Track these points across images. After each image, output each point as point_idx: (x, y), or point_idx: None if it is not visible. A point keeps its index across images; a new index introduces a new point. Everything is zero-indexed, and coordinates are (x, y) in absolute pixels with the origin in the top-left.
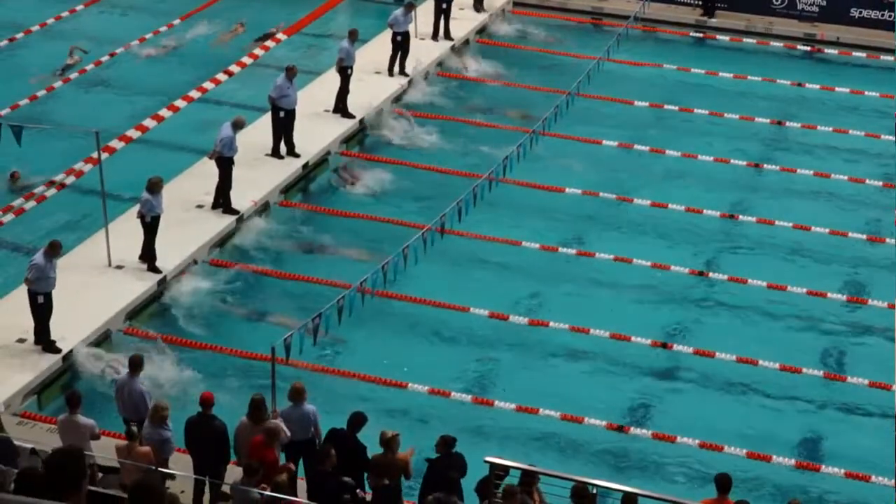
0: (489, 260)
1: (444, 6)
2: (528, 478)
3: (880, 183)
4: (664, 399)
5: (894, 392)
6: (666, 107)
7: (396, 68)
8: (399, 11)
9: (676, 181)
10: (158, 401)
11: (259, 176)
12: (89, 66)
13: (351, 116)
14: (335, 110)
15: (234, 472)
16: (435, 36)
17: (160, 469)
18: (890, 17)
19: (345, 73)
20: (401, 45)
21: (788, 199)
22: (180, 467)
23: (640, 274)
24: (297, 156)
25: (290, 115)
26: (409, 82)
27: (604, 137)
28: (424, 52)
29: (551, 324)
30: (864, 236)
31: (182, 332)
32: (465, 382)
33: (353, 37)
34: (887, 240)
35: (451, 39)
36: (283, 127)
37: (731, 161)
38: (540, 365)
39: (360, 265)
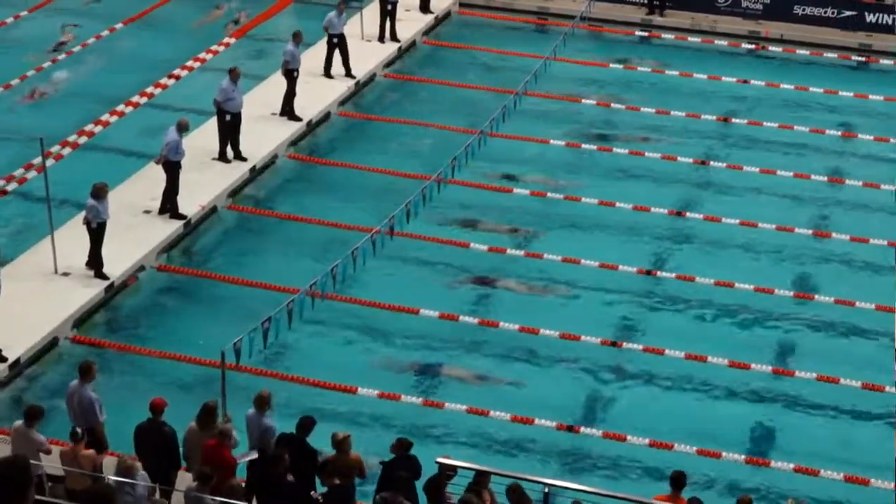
0: (438, 261)
1: (390, 8)
2: (480, 478)
3: (825, 178)
4: (614, 398)
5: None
6: (613, 105)
7: (342, 70)
8: (332, 14)
9: (624, 179)
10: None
11: (206, 180)
12: (30, 73)
13: (298, 119)
14: (282, 113)
15: (184, 478)
16: (381, 38)
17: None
18: (833, 13)
19: (290, 75)
20: (338, 47)
21: (735, 195)
22: None
23: (588, 273)
24: (245, 159)
25: (236, 118)
26: (357, 84)
27: (551, 137)
28: (371, 54)
29: (501, 324)
30: (810, 231)
31: (130, 338)
32: (415, 384)
33: (298, 39)
34: (833, 234)
35: (398, 41)
36: (230, 130)
37: (678, 158)
38: (490, 365)
39: (310, 268)
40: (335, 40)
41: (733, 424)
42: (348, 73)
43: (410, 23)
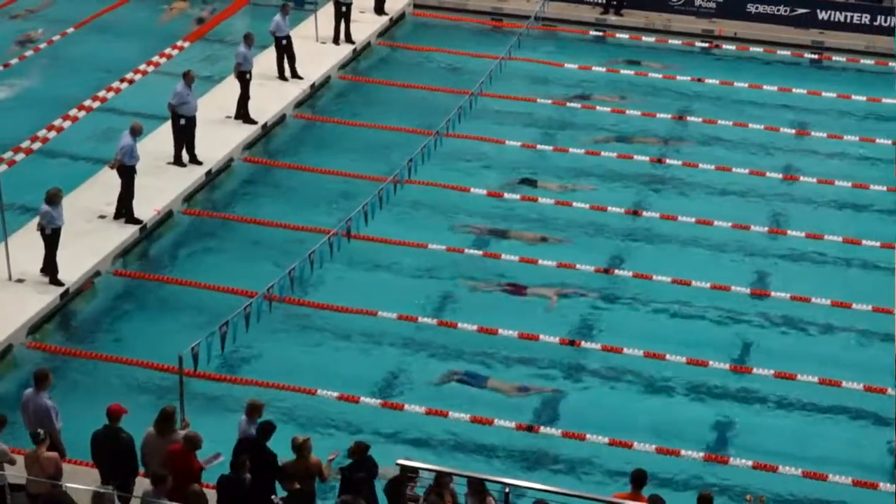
0: (396, 263)
1: (344, 9)
2: (441, 479)
3: (780, 175)
4: (573, 396)
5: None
6: (568, 105)
7: (288, 73)
8: (277, 16)
9: (580, 179)
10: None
11: (162, 184)
12: None
13: (253, 122)
14: (237, 116)
15: (143, 485)
16: (336, 40)
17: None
18: (786, 11)
19: (243, 77)
20: (286, 49)
21: (691, 193)
22: (88, 481)
23: (546, 273)
24: (200, 163)
25: (191, 121)
26: (312, 86)
27: (507, 137)
28: (326, 56)
29: (460, 325)
30: (766, 229)
31: (86, 344)
32: (375, 386)
33: (250, 41)
34: (789, 231)
35: (353, 42)
36: (185, 134)
37: (634, 157)
38: (450, 366)
39: (267, 272)
40: (283, 42)
41: (692, 422)
42: (294, 75)
43: (365, 24)
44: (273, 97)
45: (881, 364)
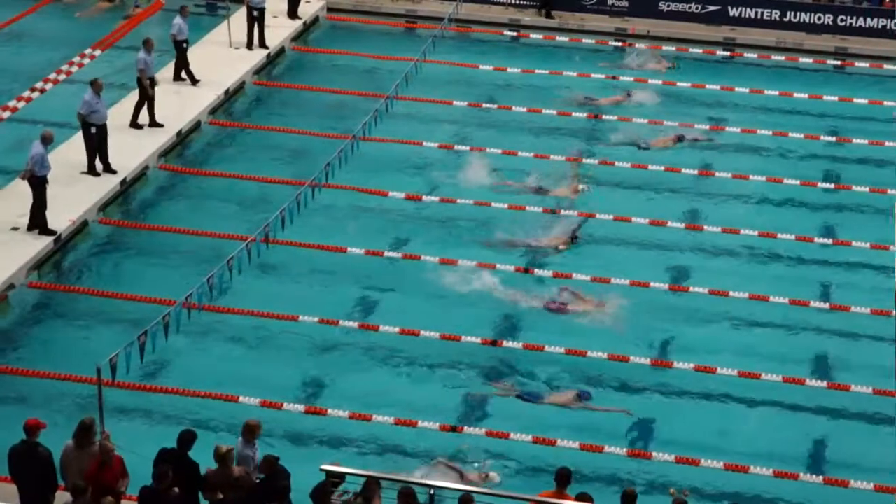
0: (316, 267)
1: (257, 14)
2: (368, 484)
3: (695, 171)
4: (496, 397)
5: None
6: (485, 106)
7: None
8: (178, 20)
9: (499, 178)
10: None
11: (76, 194)
12: None
13: (159, 125)
14: (150, 124)
15: (62, 499)
16: (250, 45)
17: None
18: (697, 8)
19: (141, 84)
20: (186, 53)
21: (610, 190)
22: (6, 496)
23: (466, 273)
24: (114, 172)
25: (102, 130)
26: (227, 92)
27: (424, 139)
28: (240, 62)
29: (381, 328)
30: (683, 225)
31: (1, 358)
32: (298, 392)
33: (149, 46)
34: (705, 227)
35: (266, 48)
36: (97, 143)
37: (551, 157)
38: (372, 370)
39: (185, 280)
40: (185, 45)
41: (614, 418)
42: (193, 81)
43: (279, 29)
44: (187, 104)
45: (798, 355)
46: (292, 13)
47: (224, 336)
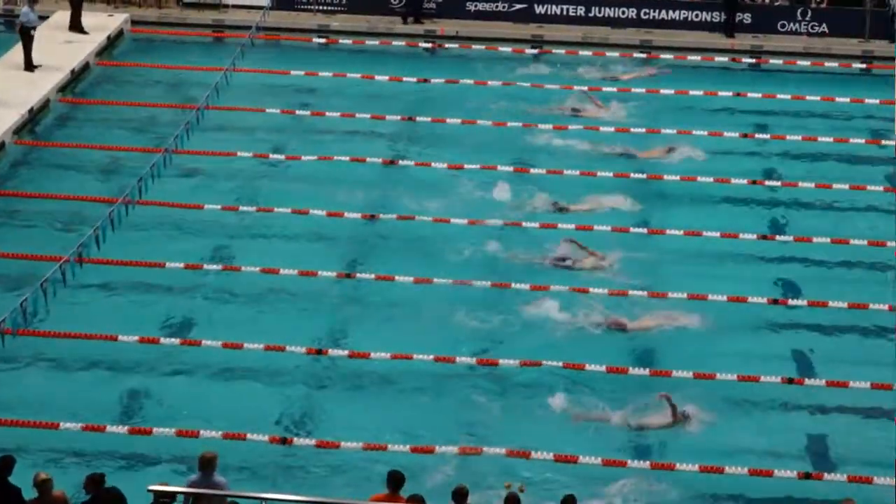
0: (133, 284)
1: (34, 33)
2: (199, 502)
3: (511, 168)
4: (324, 405)
5: None
6: (298, 112)
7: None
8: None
9: (316, 186)
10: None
11: None
12: None
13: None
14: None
15: None
16: (28, 66)
17: None
18: (505, 7)
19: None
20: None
21: (425, 192)
22: None
23: (288, 282)
24: None
25: None
26: (31, 111)
27: (238, 149)
28: (42, 80)
29: (204, 342)
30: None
31: None
32: (119, 413)
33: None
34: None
35: (32, 70)
36: None
37: (367, 160)
38: (198, 385)
39: None
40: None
41: (439, 417)
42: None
43: (82, 44)
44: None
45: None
46: (74, 26)
47: (42, 360)
